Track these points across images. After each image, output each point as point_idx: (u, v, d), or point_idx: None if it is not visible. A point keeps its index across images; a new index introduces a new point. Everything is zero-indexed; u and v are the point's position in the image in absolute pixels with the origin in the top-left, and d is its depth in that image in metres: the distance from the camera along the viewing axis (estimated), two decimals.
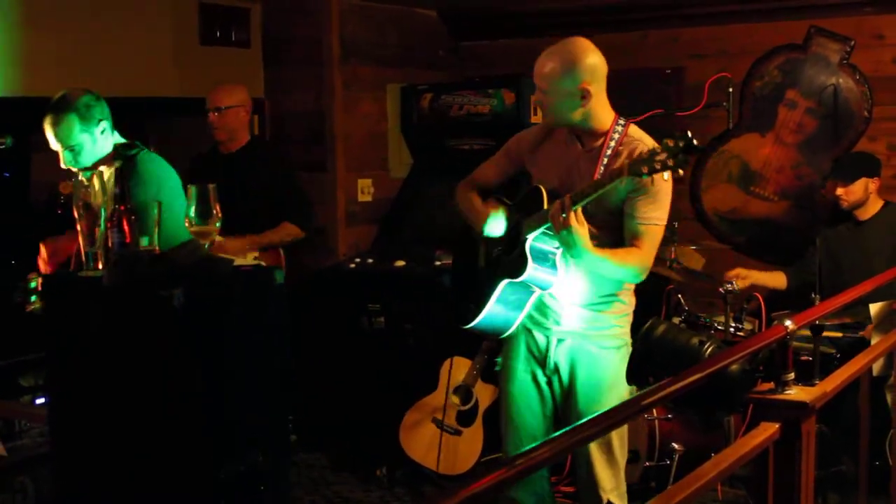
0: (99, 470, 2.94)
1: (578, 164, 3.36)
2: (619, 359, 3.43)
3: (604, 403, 3.34)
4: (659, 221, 3.28)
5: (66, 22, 4.93)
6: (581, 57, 3.30)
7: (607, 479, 3.42)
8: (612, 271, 3.30)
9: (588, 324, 3.40)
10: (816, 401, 2.71)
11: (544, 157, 3.47)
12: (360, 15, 5.97)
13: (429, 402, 4.97)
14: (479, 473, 1.83)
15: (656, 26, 6.13)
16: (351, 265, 5.67)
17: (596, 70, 3.32)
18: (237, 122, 5.05)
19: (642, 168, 2.99)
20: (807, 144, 5.77)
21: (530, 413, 3.52)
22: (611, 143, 3.30)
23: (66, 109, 3.81)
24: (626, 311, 3.46)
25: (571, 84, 3.26)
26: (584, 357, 3.40)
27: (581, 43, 3.34)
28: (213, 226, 2.85)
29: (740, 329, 4.77)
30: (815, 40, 5.68)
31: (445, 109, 6.01)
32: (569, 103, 3.29)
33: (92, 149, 3.87)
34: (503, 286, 3.32)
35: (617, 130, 3.33)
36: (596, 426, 2.23)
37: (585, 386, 3.40)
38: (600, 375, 3.40)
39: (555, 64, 3.28)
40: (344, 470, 5.26)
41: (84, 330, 2.88)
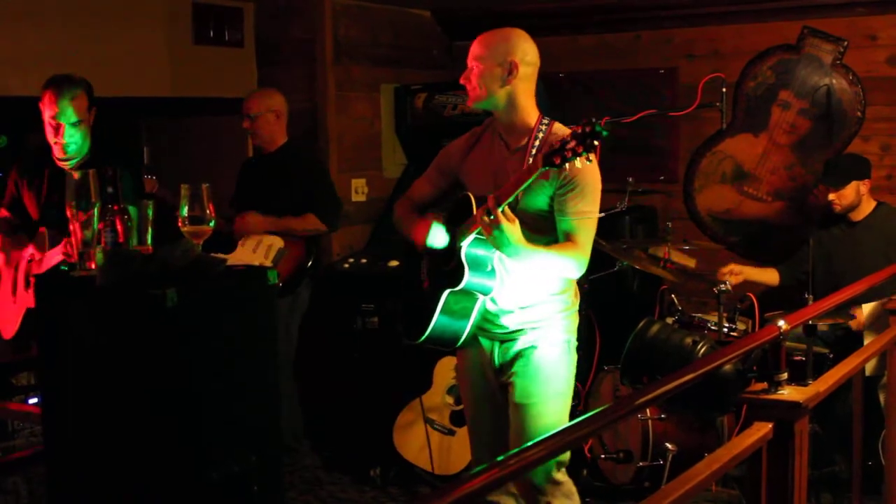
0: (91, 470, 2.93)
1: (505, 165, 3.37)
2: (560, 353, 3.42)
3: (542, 395, 3.36)
4: (591, 214, 3.28)
5: (60, 21, 4.92)
6: (517, 36, 3.40)
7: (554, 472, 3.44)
8: (549, 265, 3.30)
9: (529, 323, 3.40)
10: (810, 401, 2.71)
11: (473, 165, 3.49)
12: (353, 15, 5.97)
13: (423, 402, 4.96)
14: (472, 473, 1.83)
15: (650, 27, 6.14)
16: (345, 265, 5.67)
17: (527, 53, 3.38)
18: (268, 127, 5.19)
19: (554, 158, 3.01)
20: (800, 145, 5.78)
21: (487, 418, 3.55)
22: (535, 141, 3.31)
23: (76, 84, 3.95)
24: (569, 309, 3.45)
25: (501, 57, 3.32)
26: (526, 352, 3.41)
27: (520, 30, 3.44)
28: (207, 226, 2.86)
29: (733, 329, 4.77)
30: (808, 41, 5.69)
31: (439, 109, 6.01)
32: (496, 74, 3.33)
33: (85, 133, 3.98)
34: (445, 296, 3.33)
35: (541, 129, 3.34)
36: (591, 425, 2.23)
37: (522, 377, 3.40)
38: (539, 367, 3.38)
39: (489, 38, 3.39)
40: (337, 470, 5.26)
41: (77, 329, 2.87)
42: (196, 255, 2.83)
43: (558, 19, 6.22)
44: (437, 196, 3.63)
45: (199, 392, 2.79)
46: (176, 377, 2.75)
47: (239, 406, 2.91)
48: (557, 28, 6.25)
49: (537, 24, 6.31)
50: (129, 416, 2.82)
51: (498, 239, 3.13)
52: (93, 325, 2.84)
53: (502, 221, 3.10)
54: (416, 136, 6.15)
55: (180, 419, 2.78)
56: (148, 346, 2.74)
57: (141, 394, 2.78)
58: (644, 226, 5.82)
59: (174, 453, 2.79)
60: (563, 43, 6.26)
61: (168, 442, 2.78)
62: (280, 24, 5.91)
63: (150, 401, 2.77)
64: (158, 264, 2.76)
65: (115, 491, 2.89)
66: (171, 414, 2.77)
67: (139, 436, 2.80)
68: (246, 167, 5.45)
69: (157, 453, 2.80)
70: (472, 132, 3.57)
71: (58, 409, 2.99)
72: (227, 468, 2.88)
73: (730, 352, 2.69)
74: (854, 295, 3.51)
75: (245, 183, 5.32)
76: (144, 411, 2.79)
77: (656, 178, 6.05)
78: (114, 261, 2.76)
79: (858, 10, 5.60)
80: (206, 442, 2.82)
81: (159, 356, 2.74)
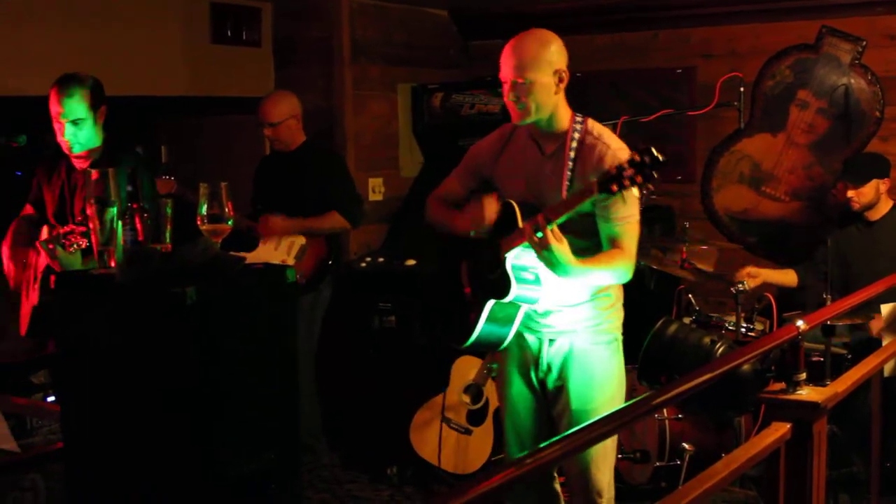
0: (110, 467, 2.94)
1: (543, 170, 3.33)
2: (609, 353, 3.42)
3: (596, 400, 3.35)
4: (633, 218, 3.25)
5: (79, 21, 4.94)
6: (554, 40, 3.30)
7: (603, 482, 3.42)
8: (599, 278, 3.29)
9: (578, 322, 3.39)
10: (828, 401, 2.71)
11: (506, 169, 3.44)
12: (370, 15, 5.98)
13: (439, 402, 4.97)
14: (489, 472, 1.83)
15: (667, 26, 6.13)
16: (362, 264, 5.68)
17: (564, 54, 3.32)
18: (290, 132, 5.21)
19: (611, 186, 2.97)
20: (818, 145, 5.75)
21: (527, 416, 3.52)
22: (573, 143, 3.27)
23: (78, 83, 4.01)
24: (615, 305, 3.44)
25: (549, 67, 3.25)
26: (576, 355, 3.39)
27: (545, 31, 3.35)
28: (225, 224, 2.87)
29: (751, 329, 4.76)
30: (826, 40, 5.67)
31: (456, 108, 6.02)
32: (548, 88, 3.25)
33: (92, 128, 4.03)
34: (490, 306, 3.31)
35: (576, 130, 3.29)
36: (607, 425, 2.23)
37: (578, 384, 3.39)
38: (593, 372, 3.38)
39: (529, 48, 3.26)
40: (354, 468, 5.26)
41: (96, 327, 2.88)
42: (215, 253, 2.84)
43: (575, 18, 6.21)
44: (468, 195, 3.58)
45: (217, 390, 2.80)
46: (194, 375, 2.76)
47: (257, 404, 2.91)
48: (574, 27, 6.24)
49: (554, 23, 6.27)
50: (147, 413, 2.82)
51: (548, 258, 3.09)
52: (112, 322, 2.85)
53: (552, 242, 3.06)
54: (433, 135, 6.16)
55: (198, 417, 2.78)
56: (167, 343, 2.75)
57: (159, 391, 2.79)
58: (661, 225, 5.81)
59: (192, 451, 2.80)
60: (579, 42, 6.24)
61: (186, 440, 2.79)
62: (297, 23, 5.92)
63: (169, 398, 2.78)
64: (178, 262, 2.77)
65: (133, 488, 2.90)
66: (189, 412, 2.77)
67: (157, 433, 2.81)
68: (264, 165, 5.45)
69: (176, 451, 2.80)
70: (501, 132, 3.51)
71: (76, 407, 3.00)
72: (245, 466, 2.89)
73: (748, 351, 2.69)
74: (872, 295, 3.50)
75: (265, 181, 5.34)
76: (162, 409, 2.79)
77: (674, 177, 6.04)
78: (133, 259, 2.77)
79: (877, 10, 5.57)
80: (224, 440, 2.83)
81: (178, 354, 2.74)
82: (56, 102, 4.00)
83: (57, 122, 4.03)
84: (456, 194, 3.61)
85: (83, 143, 4.05)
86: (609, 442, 3.43)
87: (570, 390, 3.40)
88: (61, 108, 3.98)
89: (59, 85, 4.01)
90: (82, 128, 4.01)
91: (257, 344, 2.90)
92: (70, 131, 4.00)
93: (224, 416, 2.82)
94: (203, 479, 2.80)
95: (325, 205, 5.12)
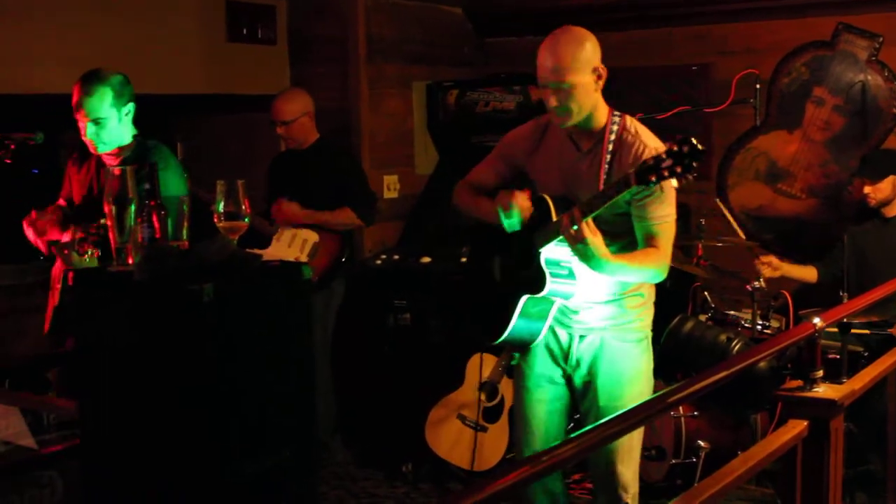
0: (127, 464, 2.96)
1: (579, 167, 3.31)
2: (639, 352, 3.42)
3: (625, 397, 3.35)
4: (670, 218, 3.25)
5: (96, 19, 4.96)
6: (588, 37, 3.26)
7: (628, 477, 3.42)
8: (633, 276, 3.29)
9: (609, 319, 3.39)
10: (845, 399, 2.71)
11: (541, 164, 3.42)
12: (385, 12, 5.99)
13: (454, 399, 4.97)
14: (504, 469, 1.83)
15: (683, 23, 6.11)
16: (377, 262, 5.69)
17: (598, 50, 3.27)
18: (303, 130, 5.25)
19: (650, 176, 2.95)
20: (834, 142, 5.73)
21: (546, 410, 3.51)
22: (610, 139, 3.25)
23: (101, 81, 3.96)
24: (646, 304, 3.44)
25: (588, 66, 3.21)
26: (606, 352, 3.39)
27: (577, 28, 3.29)
28: (243, 221, 2.88)
29: (767, 326, 4.75)
30: (842, 37, 5.65)
31: (471, 106, 6.02)
32: (590, 87, 3.22)
33: (116, 127, 3.99)
34: (524, 301, 3.29)
35: (613, 128, 3.27)
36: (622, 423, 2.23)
37: (606, 381, 3.39)
38: (621, 369, 3.39)
39: (567, 48, 3.20)
40: (369, 466, 5.28)
41: (114, 324, 2.90)
42: (232, 250, 2.85)
43: (591, 15, 6.20)
44: (500, 184, 3.54)
45: (234, 386, 2.81)
46: (211, 372, 2.77)
47: (274, 401, 2.92)
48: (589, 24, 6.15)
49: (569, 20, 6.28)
50: (163, 410, 2.84)
51: (582, 252, 3.08)
52: (130, 319, 2.86)
53: (587, 235, 3.04)
54: (448, 132, 6.16)
55: (215, 414, 2.80)
56: (184, 340, 2.76)
57: (176, 388, 2.80)
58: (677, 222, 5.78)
59: (209, 448, 2.81)
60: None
61: (203, 436, 2.80)
62: (313, 21, 5.94)
63: (186, 395, 2.79)
64: (195, 259, 2.78)
65: (151, 485, 2.91)
66: (206, 408, 2.79)
67: (174, 430, 2.82)
68: (277, 163, 5.46)
69: (193, 447, 2.81)
70: (537, 123, 3.47)
71: (94, 404, 3.02)
72: (262, 463, 2.90)
73: (765, 349, 2.68)
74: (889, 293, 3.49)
75: (278, 179, 5.35)
76: (179, 405, 2.80)
77: None
78: (151, 256, 2.78)
79: (894, 6, 5.55)
80: (241, 436, 2.84)
81: (195, 351, 2.75)
82: (77, 101, 3.98)
83: (80, 120, 4.02)
84: (487, 182, 3.58)
85: (107, 142, 4.01)
86: (635, 437, 3.43)
87: (598, 386, 3.40)
88: (82, 106, 3.96)
89: (81, 82, 3.98)
90: (104, 126, 3.97)
91: (274, 341, 2.91)
92: (91, 130, 3.97)
93: (241, 412, 2.83)
94: (220, 475, 2.81)
95: (338, 203, 5.14)
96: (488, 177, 3.58)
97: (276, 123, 5.21)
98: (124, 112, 4.02)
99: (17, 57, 4.68)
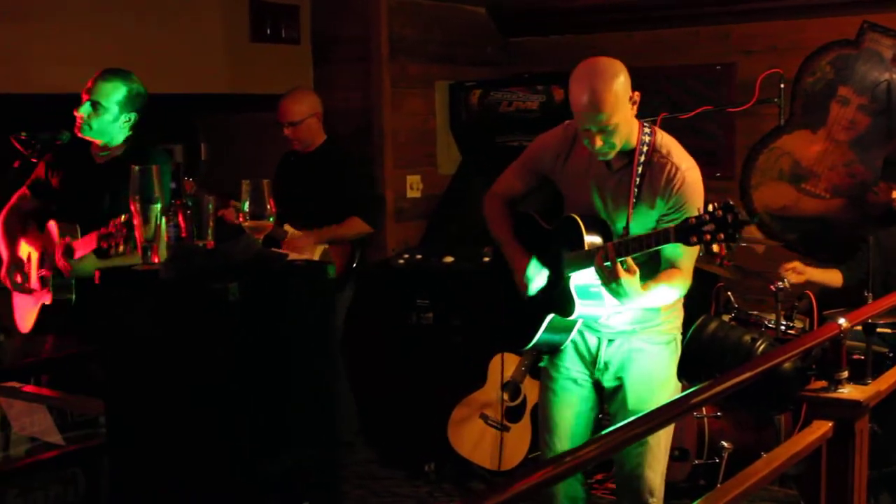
0: (153, 462, 2.97)
1: (608, 185, 3.30)
2: (668, 353, 3.42)
3: (654, 401, 3.33)
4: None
5: (119, 19, 4.99)
6: (619, 68, 3.19)
7: (656, 481, 3.41)
8: (658, 302, 3.29)
9: (638, 322, 3.38)
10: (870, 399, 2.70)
11: (572, 175, 3.39)
12: (408, 12, 5.99)
13: (477, 398, 4.98)
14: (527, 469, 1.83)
15: (707, 22, 6.09)
16: (399, 261, 5.70)
17: (628, 76, 3.22)
18: (310, 131, 5.22)
19: (691, 237, 2.96)
20: (859, 141, 5.70)
21: (573, 412, 3.51)
22: (640, 160, 3.23)
23: (122, 77, 4.00)
24: (675, 306, 3.44)
25: (626, 98, 3.18)
26: (635, 355, 3.39)
27: (607, 60, 3.22)
28: (268, 220, 2.89)
29: (791, 327, 4.73)
30: (868, 36, 5.61)
31: (494, 106, 6.02)
32: (629, 118, 3.20)
33: (109, 123, 3.99)
34: (550, 318, 3.33)
35: (644, 144, 3.24)
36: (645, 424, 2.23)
37: (636, 383, 3.39)
38: (651, 372, 3.39)
39: (608, 90, 3.13)
40: (392, 465, 5.28)
41: (140, 323, 2.91)
42: (257, 249, 2.86)
43: (614, 14, 6.19)
44: (528, 193, 3.57)
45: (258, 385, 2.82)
46: (236, 371, 2.78)
47: (298, 399, 2.94)
48: (613, 23, 6.23)
49: (593, 19, 6.31)
50: (189, 408, 2.85)
51: (615, 290, 3.09)
52: (155, 318, 2.88)
53: (622, 276, 3.05)
54: (471, 132, 6.17)
55: (239, 412, 2.81)
56: (209, 339, 2.77)
57: (202, 387, 2.82)
58: None
59: (233, 446, 2.82)
60: (618, 39, 6.23)
61: (227, 434, 2.81)
62: (336, 21, 5.95)
63: (211, 394, 2.81)
64: (220, 259, 2.79)
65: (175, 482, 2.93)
66: (231, 407, 2.80)
67: (200, 428, 2.84)
68: (284, 165, 5.42)
69: (217, 445, 2.83)
70: (566, 132, 3.42)
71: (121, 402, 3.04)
72: (284, 462, 2.91)
73: (790, 349, 2.67)
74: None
75: (284, 181, 5.28)
76: (205, 404, 2.82)
77: (712, 174, 5.99)
78: (177, 255, 2.80)
79: None
80: (264, 435, 2.85)
81: (220, 350, 2.77)
82: (92, 81, 3.99)
83: (83, 97, 4.01)
84: (514, 193, 3.59)
85: (94, 129, 3.99)
86: (663, 440, 3.42)
87: (627, 389, 3.40)
88: (93, 86, 3.97)
89: (107, 69, 4.01)
90: (99, 114, 3.96)
91: (298, 340, 2.92)
92: (86, 109, 3.95)
93: (265, 411, 2.84)
94: (243, 473, 2.83)
95: (343, 207, 5.10)
96: (515, 186, 3.58)
97: (283, 124, 5.18)
98: (124, 117, 4.02)
99: (44, 57, 4.72)
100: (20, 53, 4.69)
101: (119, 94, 3.98)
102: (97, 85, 3.97)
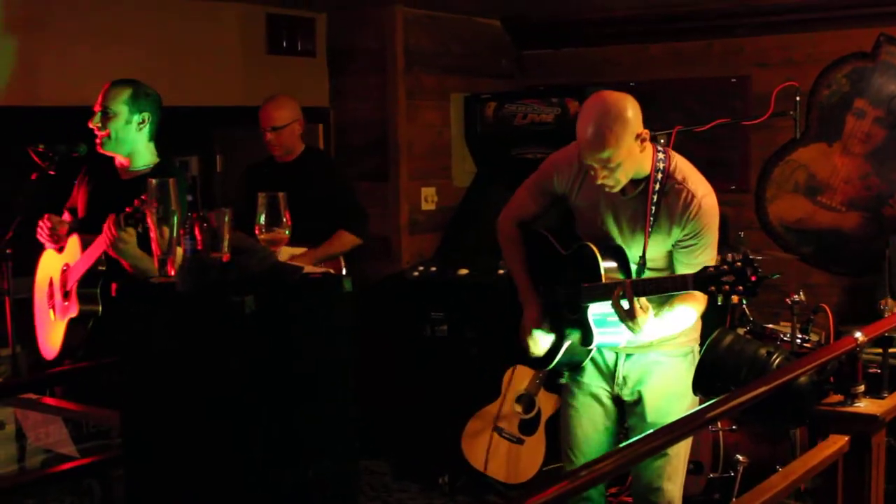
0: (167, 474, 2.98)
1: (624, 211, 3.31)
2: (686, 366, 3.42)
3: (672, 413, 3.33)
4: (710, 262, 3.23)
5: (137, 32, 5.02)
6: (627, 104, 3.18)
7: (674, 494, 3.40)
8: (679, 326, 3.31)
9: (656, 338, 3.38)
10: (887, 414, 2.69)
11: (586, 197, 3.39)
12: (423, 25, 6.01)
13: (491, 411, 4.97)
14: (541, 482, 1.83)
15: (721, 35, 6.09)
16: (414, 273, 5.70)
17: (639, 112, 3.21)
18: (293, 138, 5.04)
19: (709, 286, 2.98)
20: (875, 154, 5.69)
21: (593, 428, 3.52)
22: (655, 188, 3.23)
23: (126, 82, 4.00)
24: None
25: (631, 136, 3.16)
26: (653, 368, 3.39)
27: (616, 96, 3.21)
28: (283, 233, 2.89)
29: (807, 340, 4.71)
30: (884, 48, 5.61)
31: (509, 118, 6.03)
32: (634, 153, 3.18)
33: (122, 127, 3.94)
34: (568, 344, 3.36)
35: (659, 170, 3.23)
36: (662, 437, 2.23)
37: (654, 396, 3.39)
38: (669, 385, 3.39)
39: (612, 127, 3.13)
40: (406, 478, 5.28)
41: (156, 335, 2.92)
42: (273, 262, 2.87)
43: (628, 27, 6.20)
44: (542, 213, 3.58)
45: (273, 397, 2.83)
46: (251, 383, 2.79)
47: (315, 411, 2.94)
48: (628, 36, 6.24)
49: (607, 32, 6.32)
50: (205, 421, 2.86)
51: (631, 327, 3.12)
52: (172, 330, 2.89)
53: (638, 314, 3.07)
54: (486, 144, 6.17)
55: (255, 424, 2.81)
56: (226, 352, 2.78)
57: (218, 399, 2.82)
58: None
59: (247, 458, 2.82)
60: (633, 51, 6.25)
61: (242, 446, 2.82)
62: (352, 34, 5.97)
63: (226, 405, 2.81)
64: (237, 271, 2.80)
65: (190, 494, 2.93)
66: (246, 419, 2.80)
67: (216, 441, 2.84)
68: (256, 174, 5.11)
69: (232, 457, 2.83)
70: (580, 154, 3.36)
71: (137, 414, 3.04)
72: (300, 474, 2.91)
73: (806, 363, 2.67)
74: None
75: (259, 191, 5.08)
76: (221, 417, 2.82)
77: (727, 187, 5.99)
78: (193, 268, 2.80)
79: None
80: (279, 447, 2.86)
81: (236, 362, 2.77)
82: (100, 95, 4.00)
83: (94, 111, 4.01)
84: (528, 214, 3.59)
85: (111, 139, 3.95)
86: (682, 453, 3.42)
87: (646, 402, 3.40)
88: (100, 96, 3.98)
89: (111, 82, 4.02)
90: (110, 118, 3.92)
91: (314, 351, 2.92)
92: (97, 119, 3.93)
93: (281, 423, 2.84)
94: (258, 486, 2.83)
95: (329, 216, 4.93)
96: (529, 208, 3.58)
97: (266, 130, 4.99)
98: (137, 118, 3.96)
99: (61, 70, 4.76)
100: (38, 67, 4.73)
101: (125, 95, 3.97)
102: (104, 94, 3.99)
